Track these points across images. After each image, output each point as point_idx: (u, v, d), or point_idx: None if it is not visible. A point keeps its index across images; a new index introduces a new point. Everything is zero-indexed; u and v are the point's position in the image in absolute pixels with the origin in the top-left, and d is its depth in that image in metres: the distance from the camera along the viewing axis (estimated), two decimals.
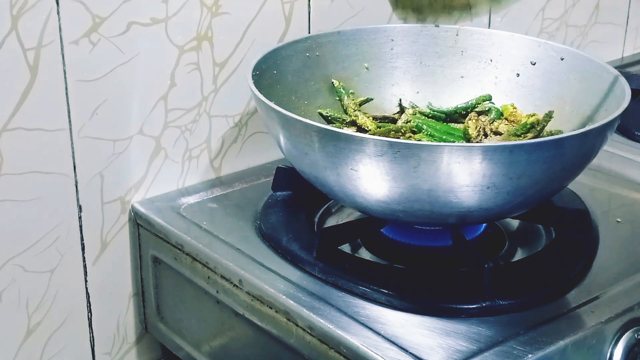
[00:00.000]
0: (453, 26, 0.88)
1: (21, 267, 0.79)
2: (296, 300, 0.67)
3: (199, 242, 0.76)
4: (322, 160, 0.67)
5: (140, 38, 0.79)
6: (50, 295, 0.82)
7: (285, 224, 0.77)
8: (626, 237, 0.78)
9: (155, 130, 0.84)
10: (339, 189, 0.69)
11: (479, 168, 0.62)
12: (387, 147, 0.62)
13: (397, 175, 0.64)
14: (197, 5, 0.82)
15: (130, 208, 0.84)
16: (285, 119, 0.68)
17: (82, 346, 0.85)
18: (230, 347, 0.77)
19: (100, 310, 0.85)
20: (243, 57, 0.87)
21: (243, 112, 0.89)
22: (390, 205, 0.67)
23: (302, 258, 0.72)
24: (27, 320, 0.81)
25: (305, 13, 0.91)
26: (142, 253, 0.84)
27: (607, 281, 0.70)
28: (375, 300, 0.67)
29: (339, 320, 0.65)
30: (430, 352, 0.61)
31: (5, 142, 0.75)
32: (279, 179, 0.82)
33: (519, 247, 0.77)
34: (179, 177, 0.87)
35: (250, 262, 0.73)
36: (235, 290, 0.72)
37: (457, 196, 0.64)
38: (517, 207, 0.72)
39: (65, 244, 0.81)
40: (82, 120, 0.78)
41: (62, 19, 0.74)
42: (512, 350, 0.61)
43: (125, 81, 0.80)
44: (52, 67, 0.75)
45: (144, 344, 0.90)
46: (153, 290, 0.84)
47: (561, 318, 0.65)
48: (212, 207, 0.83)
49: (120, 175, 0.83)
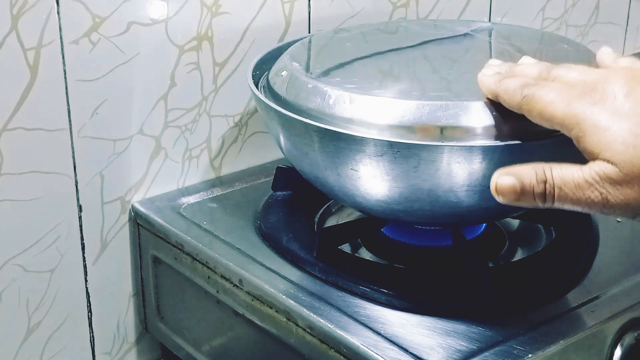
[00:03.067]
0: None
1: (21, 267, 0.79)
2: (296, 300, 0.67)
3: (199, 242, 0.76)
4: (322, 160, 0.67)
5: (140, 38, 0.79)
6: (50, 295, 0.82)
7: (285, 224, 0.77)
8: (626, 237, 0.78)
9: (155, 130, 0.84)
10: (339, 189, 0.69)
11: (479, 168, 0.62)
12: (387, 147, 0.62)
13: (397, 175, 0.64)
14: (197, 5, 0.82)
15: (130, 208, 0.84)
16: (285, 119, 0.68)
17: (82, 346, 0.85)
18: (230, 346, 0.77)
19: (100, 310, 0.85)
20: (243, 57, 0.87)
21: (243, 112, 0.89)
22: (390, 205, 0.67)
23: (302, 258, 0.72)
24: (27, 320, 0.81)
25: (305, 13, 0.91)
26: (142, 253, 0.84)
27: (607, 281, 0.70)
28: (375, 300, 0.67)
29: (339, 320, 0.65)
30: (430, 352, 0.61)
31: (5, 142, 0.75)
32: (279, 179, 0.82)
33: (519, 247, 0.78)
34: (179, 177, 0.87)
35: (250, 262, 0.73)
36: (235, 290, 0.72)
37: (457, 196, 0.64)
38: (517, 207, 0.72)
39: (65, 244, 0.81)
40: (82, 120, 0.78)
41: (62, 18, 0.74)
42: (512, 350, 0.61)
43: (125, 81, 0.80)
44: (52, 67, 0.75)
45: (144, 344, 0.90)
46: (153, 290, 0.84)
47: (561, 318, 0.65)
48: (212, 207, 0.83)
49: (120, 175, 0.83)
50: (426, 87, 0.69)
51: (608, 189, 0.53)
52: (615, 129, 0.53)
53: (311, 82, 0.69)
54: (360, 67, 0.75)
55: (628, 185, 0.53)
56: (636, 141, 0.52)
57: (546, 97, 0.57)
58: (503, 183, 0.56)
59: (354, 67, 0.75)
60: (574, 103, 0.55)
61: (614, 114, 0.54)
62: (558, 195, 0.55)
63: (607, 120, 0.54)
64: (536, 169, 0.55)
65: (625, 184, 0.53)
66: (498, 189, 0.56)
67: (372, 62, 0.77)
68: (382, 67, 0.76)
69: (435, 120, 0.63)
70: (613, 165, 0.53)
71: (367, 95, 0.66)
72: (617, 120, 0.53)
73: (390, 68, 0.75)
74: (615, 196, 0.53)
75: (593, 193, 0.54)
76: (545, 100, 0.57)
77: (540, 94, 0.57)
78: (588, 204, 0.54)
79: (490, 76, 0.63)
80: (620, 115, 0.53)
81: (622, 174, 0.53)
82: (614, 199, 0.53)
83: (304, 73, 0.71)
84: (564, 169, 0.55)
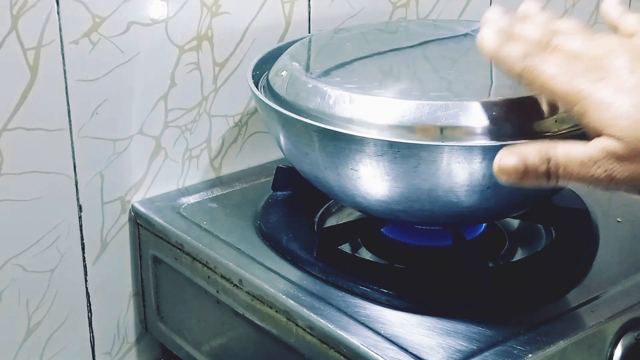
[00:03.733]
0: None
1: (21, 267, 0.79)
2: (296, 300, 0.67)
3: (199, 242, 0.76)
4: (322, 160, 0.67)
5: (140, 38, 0.79)
6: (50, 295, 0.82)
7: (285, 224, 0.77)
8: (626, 237, 0.78)
9: (155, 130, 0.84)
10: (339, 189, 0.69)
11: (479, 168, 0.62)
12: (387, 147, 0.62)
13: (397, 175, 0.64)
14: (197, 5, 0.82)
15: (130, 208, 0.84)
16: (285, 119, 0.68)
17: (82, 346, 0.85)
18: (230, 346, 0.77)
19: (100, 310, 0.85)
20: (243, 57, 0.87)
21: (243, 112, 0.89)
22: (390, 205, 0.67)
23: (302, 258, 0.72)
24: (27, 320, 0.81)
25: (305, 13, 0.91)
26: (142, 253, 0.84)
27: (607, 281, 0.70)
28: (375, 300, 0.67)
29: (339, 320, 0.65)
30: (430, 352, 0.61)
31: (5, 142, 0.75)
32: (279, 179, 0.82)
33: (519, 247, 0.78)
34: (179, 177, 0.87)
35: (250, 262, 0.73)
36: (236, 290, 0.72)
37: (457, 196, 0.64)
38: (517, 207, 0.72)
39: (65, 244, 0.81)
40: (82, 120, 0.78)
41: (62, 18, 0.74)
42: (512, 350, 0.61)
43: (125, 81, 0.80)
44: (52, 67, 0.75)
45: (144, 344, 0.90)
46: (153, 290, 0.84)
47: (561, 318, 0.65)
48: (212, 207, 0.83)
49: (120, 175, 0.83)
50: (426, 87, 0.69)
51: (613, 165, 0.52)
52: (619, 105, 0.52)
53: (311, 82, 0.69)
54: (360, 67, 0.75)
55: (634, 160, 0.52)
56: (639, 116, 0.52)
57: (548, 70, 0.55)
58: (506, 163, 0.55)
59: (354, 67, 0.75)
60: (577, 79, 0.54)
61: (618, 90, 0.53)
62: (563, 173, 0.54)
63: (611, 96, 0.53)
64: (540, 147, 0.54)
65: (630, 159, 0.52)
66: (500, 168, 0.55)
67: (372, 62, 0.77)
68: (382, 67, 0.76)
69: (435, 120, 0.63)
70: (618, 141, 0.52)
71: (367, 95, 0.66)
72: (621, 96, 0.52)
73: (390, 68, 0.75)
74: (621, 172, 0.52)
75: (598, 170, 0.53)
76: (547, 74, 0.55)
77: (542, 67, 0.56)
78: (594, 181, 0.53)
79: (490, 40, 0.60)
80: (624, 91, 0.53)
81: (627, 149, 0.52)
82: (620, 175, 0.52)
83: (304, 73, 0.71)
84: (568, 146, 0.54)
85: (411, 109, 0.64)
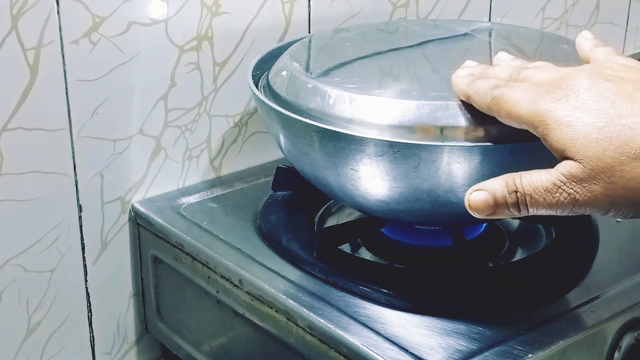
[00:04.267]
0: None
1: (21, 267, 0.79)
2: (296, 300, 0.67)
3: (199, 242, 0.76)
4: (322, 160, 0.67)
5: (140, 38, 0.79)
6: (50, 295, 0.82)
7: (285, 224, 0.77)
8: (626, 237, 0.78)
9: (155, 130, 0.84)
10: (339, 189, 0.69)
11: (479, 168, 0.62)
12: (387, 147, 0.62)
13: (397, 175, 0.64)
14: (197, 5, 0.82)
15: (130, 208, 0.84)
16: (285, 119, 0.68)
17: (82, 346, 0.85)
18: (230, 346, 0.77)
19: (100, 310, 0.85)
20: (243, 57, 0.87)
21: (243, 112, 0.89)
22: (390, 205, 0.67)
23: (302, 258, 0.72)
24: (27, 320, 0.81)
25: (305, 13, 0.91)
26: (142, 253, 0.84)
27: (607, 281, 0.70)
28: (375, 300, 0.67)
29: (339, 320, 0.65)
30: (430, 352, 0.61)
31: (5, 142, 0.75)
32: (279, 179, 0.82)
33: (519, 247, 0.78)
34: (179, 177, 0.87)
35: (250, 262, 0.73)
36: (236, 290, 0.72)
37: (457, 196, 0.64)
38: None
39: (65, 244, 0.81)
40: (82, 120, 0.78)
41: (62, 18, 0.74)
42: (512, 350, 0.61)
43: (125, 81, 0.80)
44: (52, 67, 0.75)
45: (144, 344, 0.90)
46: (153, 290, 0.84)
47: (561, 318, 0.65)
48: (212, 207, 0.83)
49: (120, 175, 0.83)
50: (426, 87, 0.69)
51: (575, 188, 0.53)
52: (578, 124, 0.53)
53: (311, 82, 0.69)
54: (360, 67, 0.75)
55: (593, 180, 0.52)
56: (598, 135, 0.52)
57: (514, 96, 0.57)
58: (476, 199, 0.56)
59: (354, 67, 0.75)
60: (539, 101, 0.55)
61: (577, 109, 0.53)
62: (530, 202, 0.54)
63: (569, 115, 0.53)
64: (506, 179, 0.55)
65: (590, 180, 0.52)
66: (472, 205, 0.56)
67: (372, 62, 0.77)
68: (382, 67, 0.76)
69: (435, 120, 0.63)
70: (577, 163, 0.52)
71: (367, 95, 0.66)
72: (581, 114, 0.53)
73: (390, 68, 0.75)
74: (583, 194, 0.53)
75: (562, 195, 0.53)
76: (512, 100, 0.57)
77: (508, 93, 0.57)
78: (559, 206, 0.54)
79: (463, 77, 0.63)
80: (582, 109, 0.53)
81: (586, 170, 0.52)
82: (581, 197, 0.53)
83: (304, 73, 0.71)
84: (532, 175, 0.55)
85: (411, 109, 0.64)
